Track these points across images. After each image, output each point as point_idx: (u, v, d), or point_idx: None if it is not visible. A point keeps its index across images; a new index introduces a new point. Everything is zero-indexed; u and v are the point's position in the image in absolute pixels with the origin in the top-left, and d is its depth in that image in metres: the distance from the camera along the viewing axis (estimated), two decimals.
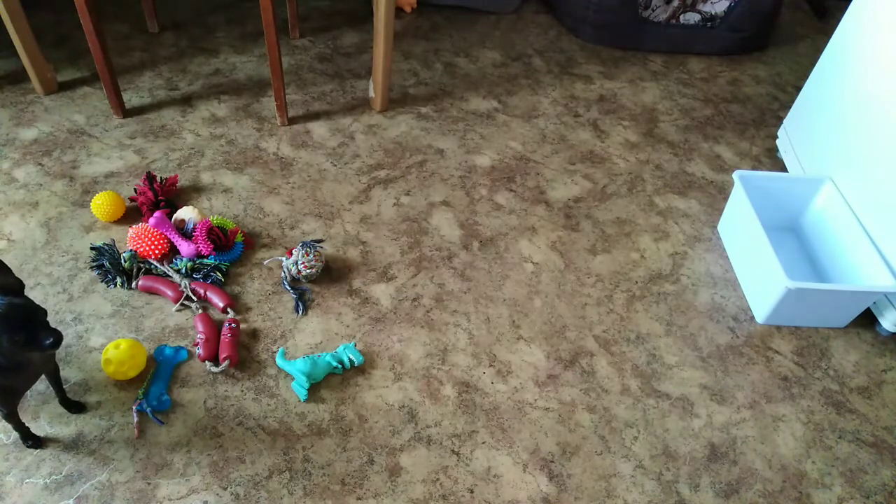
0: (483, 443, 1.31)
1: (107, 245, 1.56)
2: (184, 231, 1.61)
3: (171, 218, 1.62)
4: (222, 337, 1.40)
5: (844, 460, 1.34)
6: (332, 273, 1.60)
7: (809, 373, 1.49)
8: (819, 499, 1.28)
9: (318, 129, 2.02)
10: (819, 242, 1.70)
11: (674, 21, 2.42)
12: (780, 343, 1.55)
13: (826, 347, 1.55)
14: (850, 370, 1.51)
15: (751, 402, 1.43)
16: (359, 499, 1.21)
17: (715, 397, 1.43)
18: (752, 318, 1.60)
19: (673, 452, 1.33)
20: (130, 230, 1.57)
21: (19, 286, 1.06)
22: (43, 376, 1.22)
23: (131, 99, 2.05)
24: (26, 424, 1.20)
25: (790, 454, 1.34)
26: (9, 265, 1.07)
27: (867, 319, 1.59)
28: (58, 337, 1.01)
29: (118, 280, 1.51)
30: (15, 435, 1.22)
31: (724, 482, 1.29)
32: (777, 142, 2.06)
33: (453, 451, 1.29)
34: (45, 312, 1.04)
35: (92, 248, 1.56)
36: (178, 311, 1.48)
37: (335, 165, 1.90)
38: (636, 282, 1.66)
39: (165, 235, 1.57)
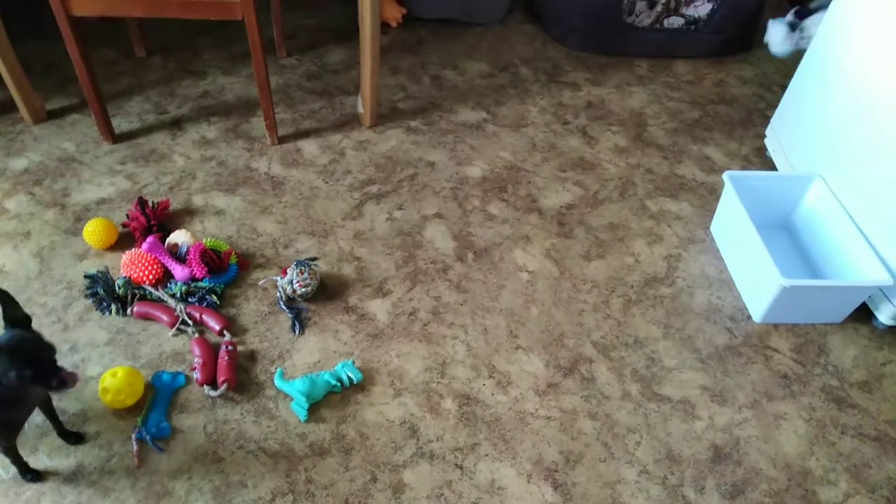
0: (486, 455, 1.30)
1: (100, 272, 1.55)
2: (177, 255, 1.60)
3: (164, 242, 1.62)
4: (220, 360, 1.39)
5: (848, 456, 1.34)
6: (328, 290, 1.60)
7: (809, 369, 1.49)
8: (825, 495, 1.28)
9: (309, 146, 2.02)
10: (811, 239, 1.70)
11: (658, 26, 2.44)
12: (778, 341, 1.55)
13: (824, 343, 1.55)
14: (849, 365, 1.51)
15: (752, 401, 1.42)
16: None
17: (716, 398, 1.43)
18: (749, 317, 1.60)
19: (676, 456, 1.32)
20: (124, 256, 1.56)
21: (27, 321, 1.06)
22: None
23: (120, 124, 2.05)
24: (24, 458, 1.19)
25: (794, 452, 1.34)
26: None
27: (863, 314, 1.60)
28: (72, 379, 1.01)
29: (113, 307, 1.50)
30: (14, 470, 1.21)
31: (730, 483, 1.28)
32: (765, 141, 2.07)
33: (456, 464, 1.29)
34: (53, 350, 1.03)
35: (86, 277, 1.55)
36: (174, 335, 1.47)
37: (327, 182, 1.90)
38: (632, 286, 1.66)
39: (159, 260, 1.57)
